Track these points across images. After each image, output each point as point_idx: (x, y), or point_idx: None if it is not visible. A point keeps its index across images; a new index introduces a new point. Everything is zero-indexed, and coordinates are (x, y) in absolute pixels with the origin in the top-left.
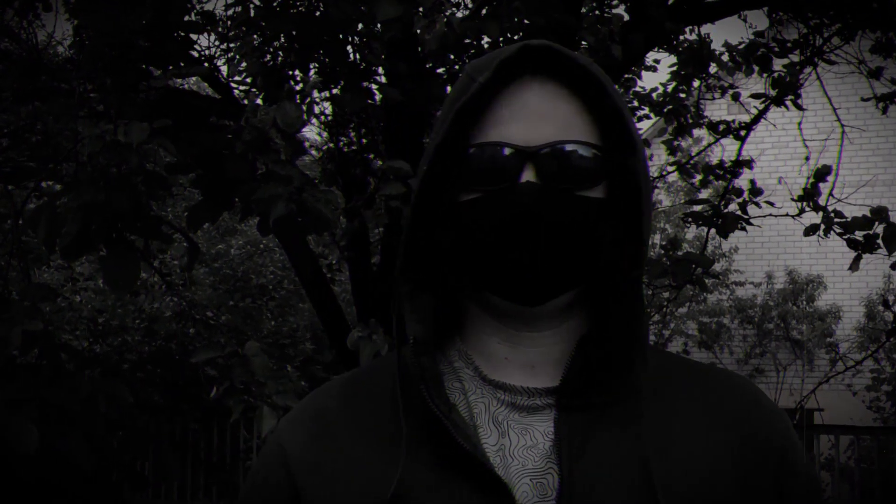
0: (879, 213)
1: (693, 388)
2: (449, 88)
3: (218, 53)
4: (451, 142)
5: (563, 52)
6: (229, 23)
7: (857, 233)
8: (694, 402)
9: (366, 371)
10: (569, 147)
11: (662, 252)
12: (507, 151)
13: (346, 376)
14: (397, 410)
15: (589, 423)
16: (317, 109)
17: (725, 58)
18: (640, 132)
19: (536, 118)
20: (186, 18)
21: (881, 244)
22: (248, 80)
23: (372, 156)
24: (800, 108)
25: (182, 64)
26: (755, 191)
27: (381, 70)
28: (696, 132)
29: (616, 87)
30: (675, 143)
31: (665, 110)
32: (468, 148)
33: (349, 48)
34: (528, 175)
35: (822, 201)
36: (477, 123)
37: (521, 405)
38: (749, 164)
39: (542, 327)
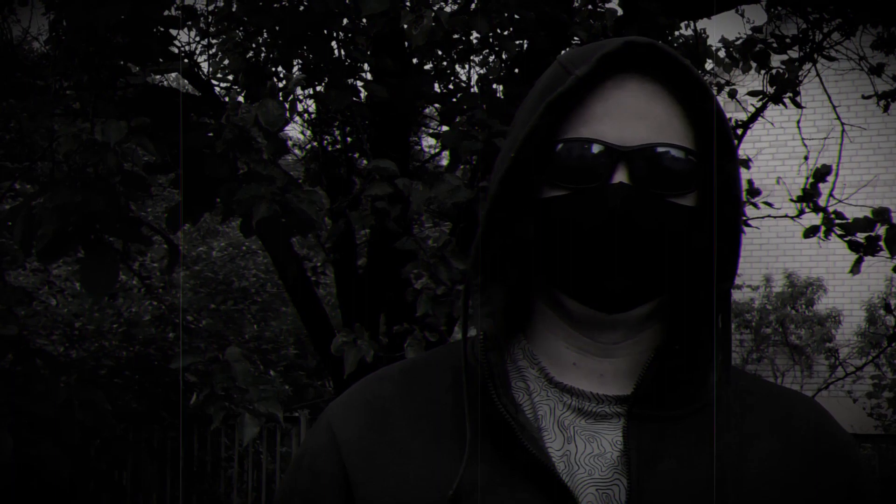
0: (881, 214)
1: (769, 409)
2: (437, 86)
3: (199, 49)
4: (539, 134)
5: (666, 50)
6: (210, 18)
7: (858, 234)
8: (769, 425)
9: (424, 361)
10: (664, 149)
11: None
12: (599, 150)
13: (404, 364)
14: (460, 406)
15: (660, 435)
16: (300, 107)
17: (722, 54)
18: None
19: (632, 117)
20: (166, 13)
21: (883, 246)
22: (230, 76)
23: (357, 155)
24: (799, 105)
25: (161, 60)
26: (753, 191)
27: (366, 66)
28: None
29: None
30: None
31: None
32: (556, 143)
33: (334, 44)
34: (620, 176)
35: (821, 202)
36: (566, 118)
37: (588, 411)
38: (746, 163)
39: (618, 337)
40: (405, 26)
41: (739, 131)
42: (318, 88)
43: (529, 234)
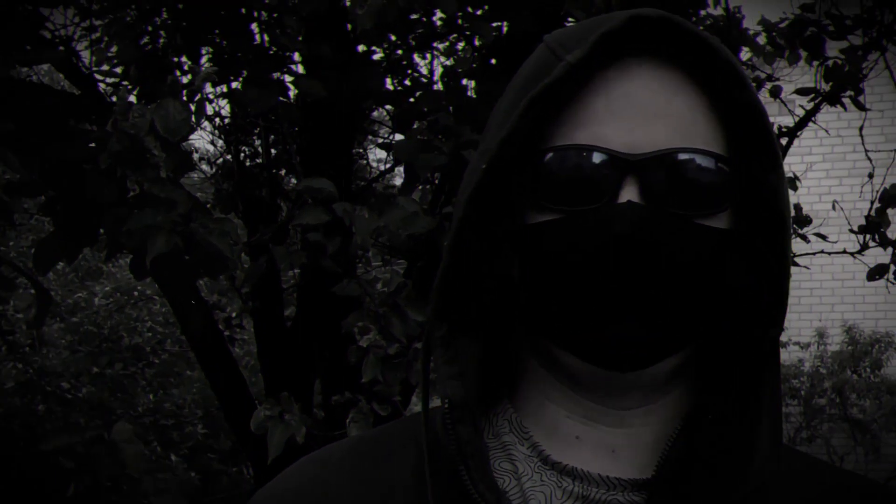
0: None
1: (827, 498)
2: (388, 81)
3: (78, 34)
4: (520, 140)
5: (685, 25)
6: None
7: None
8: None
9: (376, 438)
10: (687, 157)
11: None
12: (601, 159)
13: (350, 442)
14: (424, 496)
15: None
16: (210, 109)
17: (762, 40)
18: None
19: (644, 116)
20: None
21: None
22: (119, 69)
23: (283, 172)
24: (862, 107)
25: (28, 48)
26: (801, 219)
27: (297, 56)
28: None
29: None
30: None
31: None
32: (545, 151)
33: (254, 26)
34: (628, 193)
35: (891, 233)
36: (557, 118)
37: (597, 500)
38: (793, 183)
39: (634, 402)
40: (348, 3)
41: (784, 141)
42: (234, 85)
43: (510, 271)
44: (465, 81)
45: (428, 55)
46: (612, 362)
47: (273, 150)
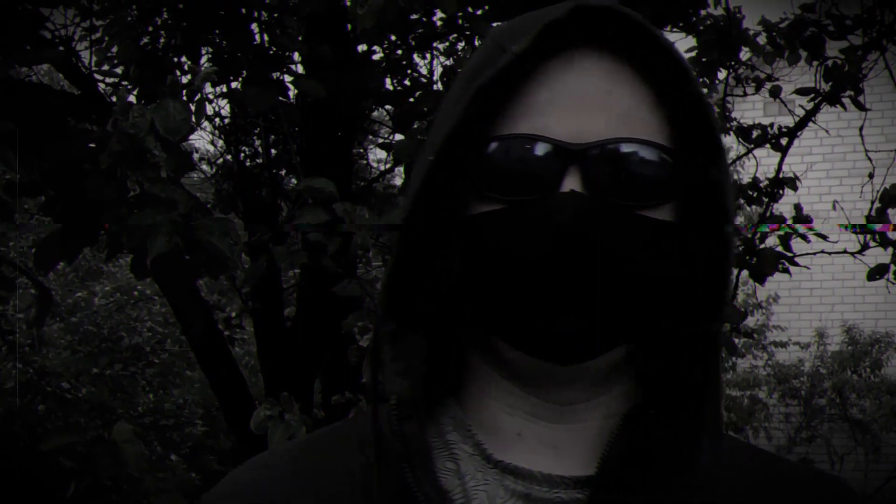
0: None
1: (778, 492)
2: (388, 81)
3: (78, 34)
4: (466, 131)
5: (630, 15)
6: None
7: None
8: None
9: (324, 438)
10: (631, 147)
11: None
12: (543, 149)
13: (297, 444)
14: (370, 496)
15: None
16: (210, 109)
17: (762, 39)
18: None
19: (587, 107)
20: None
21: None
22: (119, 69)
23: (284, 172)
24: (862, 107)
25: (29, 48)
26: (801, 219)
27: (297, 56)
28: (722, 140)
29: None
30: None
31: None
32: (489, 141)
33: (254, 26)
34: (571, 183)
35: (891, 233)
36: (502, 109)
37: (539, 498)
38: (793, 183)
39: (576, 395)
40: (348, 3)
41: (784, 141)
42: (234, 85)
43: (455, 263)
44: None
45: (428, 55)
46: (552, 355)
47: (273, 150)
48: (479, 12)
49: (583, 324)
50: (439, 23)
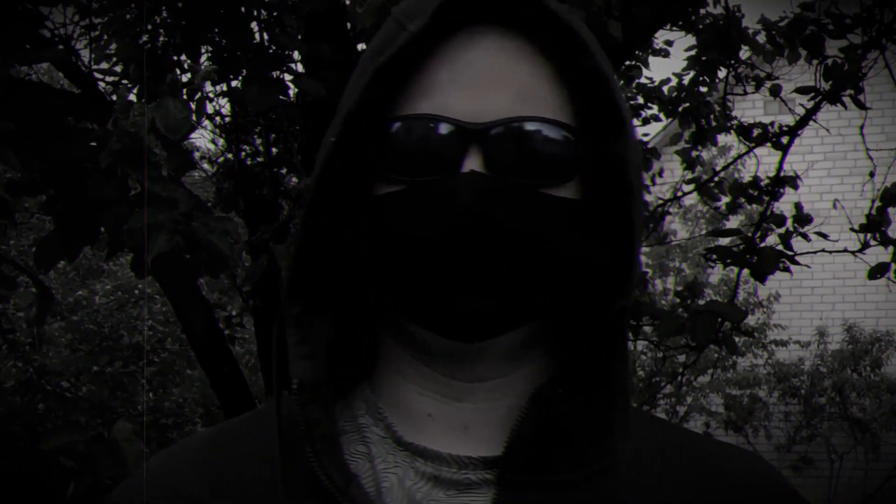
0: None
1: (688, 467)
2: None
3: (78, 33)
4: (367, 111)
5: None
6: None
7: None
8: (688, 487)
9: (237, 426)
10: (531, 126)
11: (677, 301)
12: (444, 129)
13: (209, 432)
14: (276, 482)
15: None
16: (210, 108)
17: (762, 38)
18: (646, 137)
19: (487, 84)
20: None
21: None
22: (119, 68)
23: (284, 171)
24: (862, 106)
25: (28, 47)
26: (802, 218)
27: (296, 55)
28: (722, 138)
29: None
30: (695, 153)
31: (680, 108)
32: (390, 121)
33: (254, 25)
34: (472, 163)
35: (892, 232)
36: (404, 89)
37: (448, 479)
38: (794, 181)
39: (484, 374)
40: (348, 2)
41: (785, 139)
42: (234, 84)
43: (360, 244)
44: None
45: None
46: (458, 333)
47: (274, 149)
48: None
49: (487, 302)
50: None
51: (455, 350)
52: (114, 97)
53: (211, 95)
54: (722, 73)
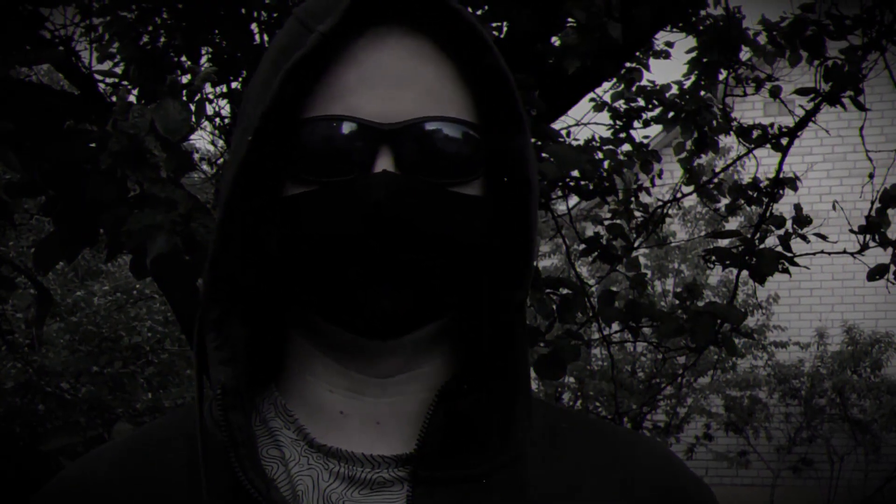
0: None
1: (593, 452)
2: None
3: (77, 33)
4: (278, 112)
5: None
6: None
7: None
8: (593, 471)
9: (157, 429)
10: (436, 126)
11: (676, 302)
12: (353, 130)
13: (130, 436)
14: (198, 487)
15: (456, 501)
16: (210, 109)
17: (762, 39)
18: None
19: (395, 85)
20: None
21: None
22: (118, 69)
23: None
24: (862, 107)
25: (28, 48)
26: (801, 219)
27: None
28: (723, 140)
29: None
30: (697, 163)
31: (683, 115)
32: (302, 123)
33: (254, 26)
34: (383, 163)
35: (892, 234)
36: (314, 90)
37: (362, 479)
38: (793, 183)
39: (394, 367)
40: None
41: (784, 141)
42: (234, 85)
43: (271, 244)
44: None
45: None
46: (375, 331)
47: None
48: (479, 12)
49: (402, 299)
50: None
51: (366, 347)
52: (113, 98)
53: (211, 97)
54: (722, 75)
